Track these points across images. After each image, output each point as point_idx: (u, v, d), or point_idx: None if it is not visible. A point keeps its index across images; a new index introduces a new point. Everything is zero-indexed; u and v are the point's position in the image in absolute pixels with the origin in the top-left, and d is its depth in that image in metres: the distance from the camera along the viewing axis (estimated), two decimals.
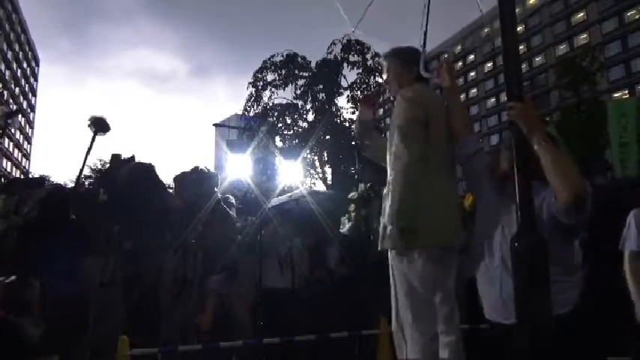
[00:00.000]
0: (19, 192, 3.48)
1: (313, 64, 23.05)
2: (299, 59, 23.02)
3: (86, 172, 19.82)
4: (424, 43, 2.58)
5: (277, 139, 23.08)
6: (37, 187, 3.59)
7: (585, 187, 1.71)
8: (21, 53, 61.40)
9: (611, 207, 3.41)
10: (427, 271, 2.31)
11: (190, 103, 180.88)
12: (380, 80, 23.50)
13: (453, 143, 2.40)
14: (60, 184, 11.91)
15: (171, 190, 4.42)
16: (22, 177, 43.00)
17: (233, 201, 4.56)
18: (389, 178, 2.48)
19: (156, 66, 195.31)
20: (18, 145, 61.06)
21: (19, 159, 61.70)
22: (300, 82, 23.20)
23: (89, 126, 3.80)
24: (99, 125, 3.81)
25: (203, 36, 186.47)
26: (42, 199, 3.38)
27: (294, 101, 23.34)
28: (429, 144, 2.34)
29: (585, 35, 49.33)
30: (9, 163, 57.29)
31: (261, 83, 23.13)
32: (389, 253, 2.50)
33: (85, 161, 3.85)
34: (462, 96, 56.77)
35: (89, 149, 3.82)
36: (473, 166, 2.18)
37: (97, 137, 3.83)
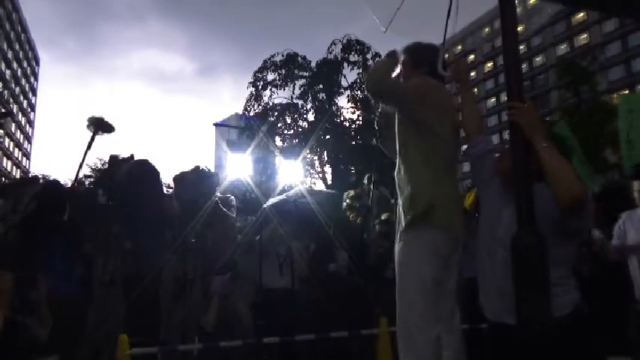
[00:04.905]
0: (13, 193, 3.48)
1: (313, 64, 23.05)
2: (299, 59, 23.00)
3: (87, 171, 19.87)
4: (444, 41, 2.57)
5: (277, 138, 23.06)
6: (30, 185, 3.61)
7: (584, 193, 1.70)
8: (21, 52, 61.40)
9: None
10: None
11: (195, 103, 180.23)
12: None
13: (453, 140, 2.38)
14: (56, 179, 11.90)
15: (171, 190, 4.42)
16: (14, 179, 42.96)
17: (234, 202, 4.55)
18: (396, 170, 2.47)
19: (162, 66, 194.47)
20: (18, 145, 61.07)
21: (20, 158, 61.69)
22: (301, 81, 23.19)
23: (88, 127, 3.83)
24: (100, 126, 3.83)
25: (211, 36, 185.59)
26: (38, 192, 3.39)
27: (295, 101, 23.33)
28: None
29: (585, 35, 49.31)
30: (9, 163, 57.30)
31: (262, 83, 23.12)
32: (396, 245, 2.42)
33: (83, 160, 3.88)
34: None
35: (87, 149, 3.84)
36: (483, 167, 2.14)
37: (102, 137, 3.87)
